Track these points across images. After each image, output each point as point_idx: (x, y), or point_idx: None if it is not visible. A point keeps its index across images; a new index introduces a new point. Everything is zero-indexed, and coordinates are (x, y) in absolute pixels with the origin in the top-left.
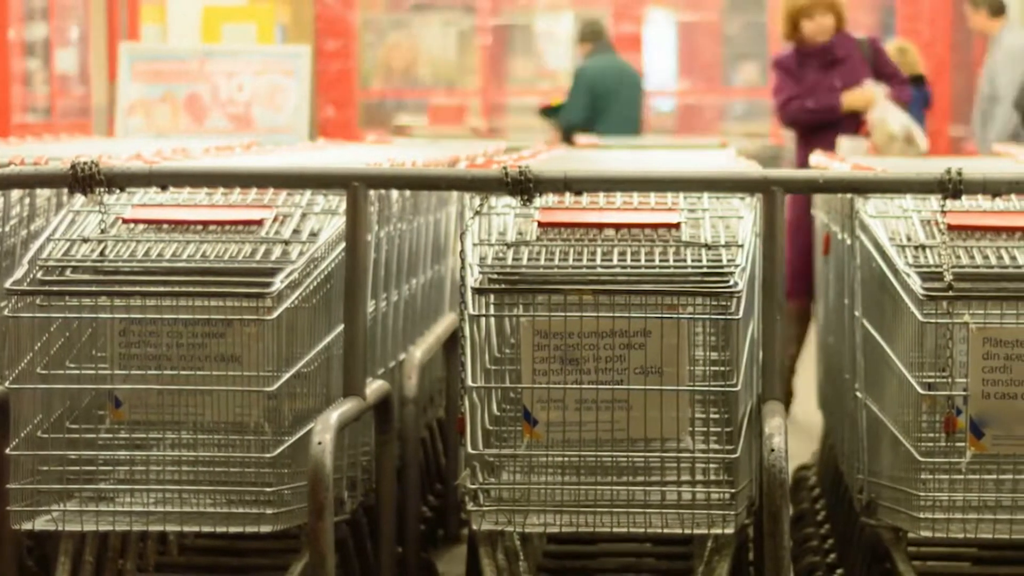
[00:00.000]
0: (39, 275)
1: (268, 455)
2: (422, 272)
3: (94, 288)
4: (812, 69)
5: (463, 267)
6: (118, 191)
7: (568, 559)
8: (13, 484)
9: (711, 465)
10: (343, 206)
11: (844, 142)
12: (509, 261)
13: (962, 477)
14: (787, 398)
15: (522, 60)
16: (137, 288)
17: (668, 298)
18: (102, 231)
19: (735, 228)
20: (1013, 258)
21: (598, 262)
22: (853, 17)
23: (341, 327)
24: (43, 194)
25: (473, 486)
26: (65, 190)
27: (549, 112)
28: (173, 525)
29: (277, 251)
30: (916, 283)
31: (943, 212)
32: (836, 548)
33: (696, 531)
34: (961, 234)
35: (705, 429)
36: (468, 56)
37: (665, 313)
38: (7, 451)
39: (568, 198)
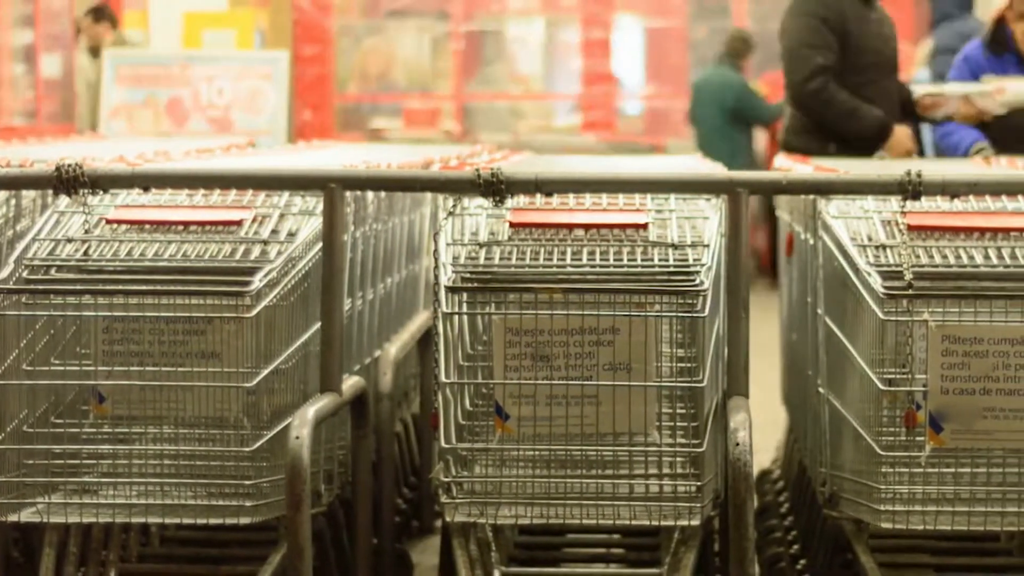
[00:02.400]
0: (25, 274)
1: (247, 449)
2: (397, 271)
3: (78, 287)
4: None
5: (437, 266)
6: (101, 192)
7: (539, 550)
8: None
9: (677, 459)
10: (320, 207)
11: None
12: (481, 260)
13: (921, 470)
14: None
15: (494, 65)
16: (120, 287)
17: (636, 296)
18: (86, 231)
19: (701, 228)
20: (971, 258)
21: (568, 261)
22: None
23: (318, 325)
24: (29, 195)
25: (446, 479)
26: (50, 191)
27: None
28: (155, 517)
29: (256, 251)
30: (877, 282)
31: (903, 213)
32: (799, 539)
33: (663, 523)
34: (921, 234)
35: (672, 424)
36: (442, 61)
37: (633, 311)
38: None
39: (539, 199)
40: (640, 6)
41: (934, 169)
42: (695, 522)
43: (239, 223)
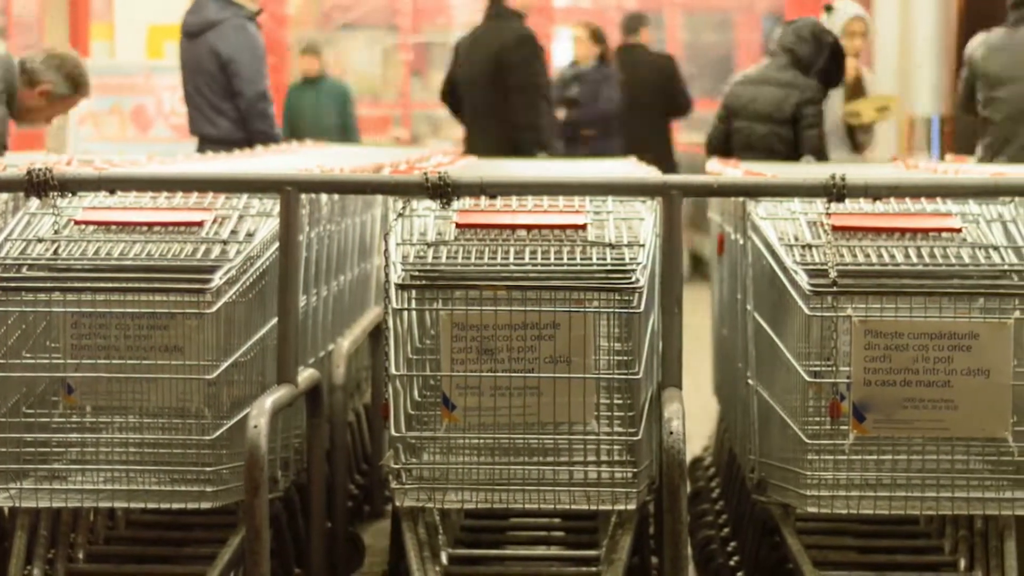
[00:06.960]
0: None
1: (208, 438)
2: (349, 269)
3: (48, 284)
4: None
5: (387, 265)
6: (70, 195)
7: (484, 533)
8: None
9: (615, 447)
10: (277, 209)
11: None
12: (429, 259)
13: (845, 458)
14: None
15: (441, 74)
16: (88, 284)
17: (575, 293)
18: (56, 232)
19: (637, 229)
20: (892, 257)
21: (511, 260)
22: (744, 26)
23: (275, 320)
24: (1, 198)
25: (396, 466)
26: (22, 194)
27: None
28: (121, 502)
29: (216, 250)
30: (803, 279)
31: (828, 214)
32: (730, 523)
33: (601, 507)
34: (844, 234)
35: (609, 414)
36: (391, 71)
37: (573, 307)
38: None
39: (483, 201)
40: (579, 18)
41: (857, 173)
42: (631, 507)
43: (200, 224)
